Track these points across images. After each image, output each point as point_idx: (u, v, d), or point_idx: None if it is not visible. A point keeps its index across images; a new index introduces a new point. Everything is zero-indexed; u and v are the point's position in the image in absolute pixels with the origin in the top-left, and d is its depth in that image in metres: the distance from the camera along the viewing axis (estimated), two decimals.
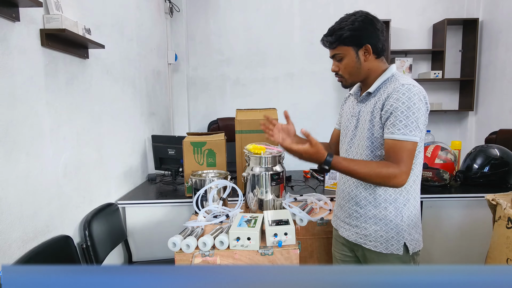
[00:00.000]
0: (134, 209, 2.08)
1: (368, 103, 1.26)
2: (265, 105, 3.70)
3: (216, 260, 1.36)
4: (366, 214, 1.27)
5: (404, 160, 1.12)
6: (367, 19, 1.21)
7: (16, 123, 1.25)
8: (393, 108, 1.14)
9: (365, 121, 1.25)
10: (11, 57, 1.24)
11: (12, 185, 1.23)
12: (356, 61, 1.23)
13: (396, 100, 1.13)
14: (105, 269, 0.36)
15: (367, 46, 1.20)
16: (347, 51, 1.23)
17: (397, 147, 1.13)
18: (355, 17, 1.21)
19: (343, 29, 1.20)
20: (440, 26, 3.68)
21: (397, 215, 1.23)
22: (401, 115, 1.12)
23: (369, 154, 1.24)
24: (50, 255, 1.38)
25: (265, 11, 3.84)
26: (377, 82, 1.23)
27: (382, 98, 1.18)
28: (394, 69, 1.25)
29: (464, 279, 0.33)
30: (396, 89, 1.15)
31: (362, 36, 1.20)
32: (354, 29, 1.19)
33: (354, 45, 1.21)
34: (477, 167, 2.12)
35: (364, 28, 1.19)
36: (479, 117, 3.76)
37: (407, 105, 1.12)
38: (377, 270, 0.36)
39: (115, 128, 2.12)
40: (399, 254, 1.23)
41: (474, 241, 2.06)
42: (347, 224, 1.34)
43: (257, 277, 0.35)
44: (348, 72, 1.26)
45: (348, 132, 1.34)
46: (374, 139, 1.22)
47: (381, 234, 1.24)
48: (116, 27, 2.16)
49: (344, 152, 1.36)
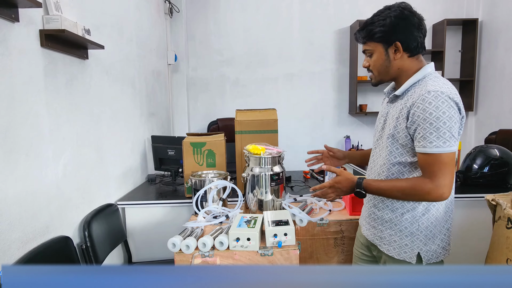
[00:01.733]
0: (133, 209, 2.08)
1: (395, 106, 1.20)
2: (264, 105, 3.71)
3: (216, 261, 1.36)
4: (382, 217, 1.25)
5: (440, 173, 1.06)
6: (401, 15, 1.14)
7: (15, 124, 1.25)
8: (421, 120, 1.06)
9: (389, 124, 1.20)
10: (11, 58, 1.23)
11: (12, 185, 1.23)
12: (385, 58, 1.18)
13: (422, 111, 1.05)
14: (105, 269, 0.36)
15: (397, 43, 1.14)
16: (376, 48, 1.18)
17: (431, 160, 1.06)
18: (388, 12, 1.15)
19: (374, 24, 1.15)
20: (439, 27, 3.69)
21: (413, 223, 1.18)
22: (430, 127, 1.04)
23: (387, 158, 1.21)
24: (49, 256, 1.38)
25: (264, 12, 3.85)
26: (406, 84, 1.17)
27: (408, 105, 1.11)
28: (428, 69, 1.16)
29: (464, 279, 0.33)
30: (421, 97, 1.06)
31: (392, 33, 1.14)
32: (385, 25, 1.13)
33: (383, 42, 1.16)
34: (477, 167, 2.12)
35: (396, 24, 1.13)
36: (479, 117, 3.77)
37: (436, 116, 1.03)
38: (377, 270, 0.36)
39: (115, 129, 2.11)
40: (412, 262, 1.19)
41: (474, 241, 2.05)
42: (368, 223, 1.34)
43: (257, 277, 0.35)
44: (377, 69, 1.21)
45: (376, 133, 1.31)
46: (395, 145, 1.18)
47: (395, 239, 1.22)
48: (115, 28, 2.16)
49: (372, 153, 1.35)
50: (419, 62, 1.18)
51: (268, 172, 1.68)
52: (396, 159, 1.18)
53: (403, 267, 0.35)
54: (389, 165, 1.20)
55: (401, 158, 1.17)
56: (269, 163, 1.70)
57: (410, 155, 1.15)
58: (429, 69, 1.16)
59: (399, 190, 1.13)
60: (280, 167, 1.74)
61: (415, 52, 1.16)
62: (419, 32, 1.15)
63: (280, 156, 1.74)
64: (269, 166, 1.70)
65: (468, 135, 3.89)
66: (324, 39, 3.87)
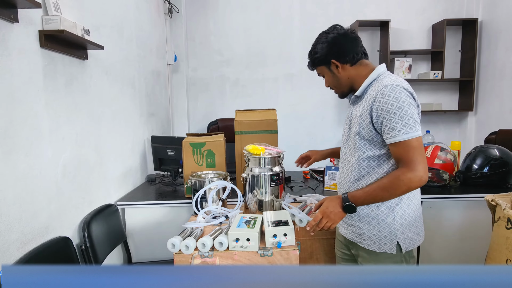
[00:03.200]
0: (133, 210, 2.08)
1: (358, 106, 1.30)
2: (264, 105, 3.71)
3: (215, 261, 1.36)
4: (359, 213, 1.29)
5: (415, 158, 1.12)
6: (326, 38, 1.29)
7: (15, 124, 1.25)
8: (385, 112, 1.14)
9: (354, 123, 1.29)
10: (10, 58, 1.23)
11: (11, 186, 1.23)
12: (332, 75, 1.32)
13: (384, 104, 1.14)
14: (105, 269, 0.36)
15: (332, 61, 1.28)
16: (322, 70, 1.34)
17: (405, 148, 1.13)
18: (319, 39, 1.32)
19: (311, 54, 1.35)
20: (439, 27, 3.69)
21: (389, 214, 1.25)
22: (394, 116, 1.13)
23: (357, 154, 1.28)
24: (49, 256, 1.38)
25: (264, 12, 3.85)
26: (363, 85, 1.27)
27: (369, 101, 1.20)
28: (381, 69, 1.26)
29: (463, 279, 0.33)
30: (380, 92, 1.16)
31: (326, 55, 1.29)
32: (317, 52, 1.31)
33: (323, 64, 1.32)
34: (477, 168, 2.12)
35: (326, 47, 1.28)
36: (479, 117, 3.77)
37: (397, 105, 1.12)
38: (377, 270, 0.36)
39: (115, 129, 2.11)
40: (392, 253, 1.25)
41: (474, 241, 2.05)
42: (344, 222, 1.38)
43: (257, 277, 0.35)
44: (333, 85, 1.37)
45: (344, 134, 1.40)
46: (362, 141, 1.25)
47: (374, 233, 1.27)
48: (115, 28, 2.16)
49: (341, 154, 1.42)
50: (366, 66, 1.30)
51: (267, 173, 1.68)
52: (365, 154, 1.26)
53: (403, 267, 0.35)
54: (359, 161, 1.27)
55: (370, 152, 1.25)
56: (268, 163, 1.70)
57: (377, 148, 1.24)
58: (382, 69, 1.27)
59: (383, 188, 1.17)
60: (279, 167, 1.74)
61: (355, 60, 1.28)
62: (350, 44, 1.28)
63: (280, 156, 1.74)
64: (268, 166, 1.70)
65: (468, 135, 3.89)
66: None
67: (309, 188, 2.31)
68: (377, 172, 1.25)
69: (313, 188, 2.29)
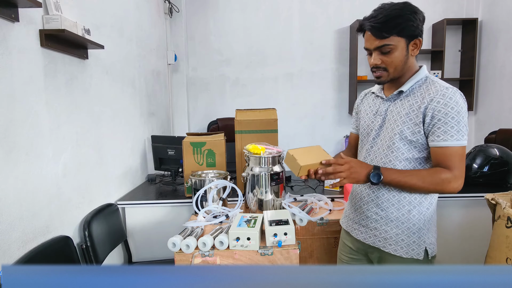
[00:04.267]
0: (134, 209, 2.08)
1: (399, 103, 1.19)
2: (264, 105, 3.71)
3: (216, 260, 1.36)
4: (387, 216, 1.21)
5: (458, 165, 1.09)
6: (417, 11, 1.11)
7: (15, 123, 1.25)
8: (442, 114, 1.08)
9: (395, 121, 1.18)
10: (11, 58, 1.24)
11: (12, 185, 1.23)
12: (405, 54, 1.12)
13: (444, 106, 1.07)
14: (105, 269, 0.36)
15: (419, 39, 1.12)
16: (399, 43, 1.10)
17: (452, 154, 1.09)
18: (409, 7, 1.10)
19: (402, 18, 1.07)
20: (439, 26, 3.68)
21: (420, 219, 1.19)
22: (452, 120, 1.07)
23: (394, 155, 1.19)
24: (49, 255, 1.38)
25: (264, 11, 3.85)
26: (411, 81, 1.17)
27: (425, 100, 1.11)
28: (426, 70, 1.19)
29: (463, 279, 0.33)
30: (441, 93, 1.08)
31: (418, 28, 1.10)
32: (411, 20, 1.08)
33: (408, 36, 1.10)
34: (477, 167, 2.12)
35: (419, 19, 1.10)
36: (479, 117, 3.77)
37: (457, 110, 1.07)
38: (377, 270, 0.36)
39: (115, 129, 2.11)
40: (419, 258, 1.18)
41: (474, 240, 2.06)
42: (363, 226, 1.29)
43: (257, 277, 0.35)
44: (394, 66, 1.13)
45: (371, 132, 1.27)
46: (402, 141, 1.16)
47: (403, 238, 1.19)
48: (115, 28, 2.16)
49: (365, 152, 1.29)
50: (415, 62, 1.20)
51: (268, 172, 1.68)
52: (403, 155, 1.17)
53: (403, 267, 0.35)
54: (396, 162, 1.18)
55: (409, 154, 1.17)
56: (269, 162, 1.70)
57: (417, 150, 1.16)
58: (426, 70, 1.19)
59: (420, 177, 1.12)
60: (280, 166, 1.74)
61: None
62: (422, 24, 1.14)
63: (280, 156, 1.75)
64: (269, 165, 1.70)
65: (468, 135, 3.89)
66: (324, 38, 3.87)
67: (310, 187, 2.31)
68: None
69: (313, 188, 2.29)
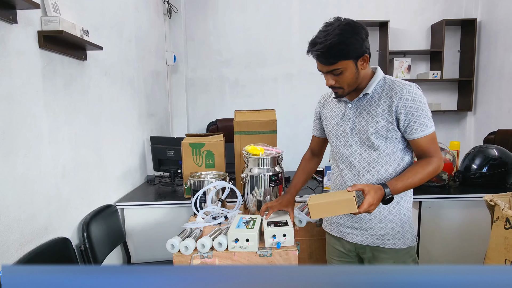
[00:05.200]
0: (132, 210, 2.08)
1: (366, 104, 1.26)
2: (264, 106, 3.71)
3: (214, 262, 1.36)
4: (380, 213, 1.28)
5: (437, 148, 1.22)
6: (356, 28, 1.14)
7: (14, 125, 1.25)
8: (414, 109, 1.18)
9: (367, 122, 1.24)
10: (9, 59, 1.23)
11: (10, 186, 1.23)
12: (355, 72, 1.19)
13: (413, 101, 1.18)
14: (105, 269, 0.36)
15: (366, 56, 1.18)
16: (347, 65, 1.16)
17: (430, 140, 1.21)
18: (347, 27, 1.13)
19: (344, 43, 1.12)
20: (438, 27, 3.69)
21: (408, 208, 1.30)
22: (422, 112, 1.18)
23: (376, 153, 1.26)
24: (48, 257, 1.38)
25: (264, 12, 3.85)
26: (372, 84, 1.25)
27: (394, 99, 1.19)
28: (381, 70, 1.29)
29: (463, 279, 0.33)
30: (406, 91, 1.19)
31: (361, 47, 1.15)
32: (352, 43, 1.13)
33: (354, 57, 1.16)
34: (476, 168, 2.12)
35: (360, 38, 1.14)
36: (478, 118, 3.77)
37: (423, 102, 1.19)
38: (376, 270, 0.36)
39: (114, 130, 2.11)
40: (413, 245, 1.31)
41: (473, 241, 2.06)
42: (357, 229, 1.32)
43: (256, 277, 0.35)
44: (347, 84, 1.21)
45: (342, 135, 1.32)
46: (379, 139, 1.24)
47: (398, 230, 1.28)
48: (114, 29, 2.16)
49: (341, 155, 1.33)
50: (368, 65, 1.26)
51: (267, 173, 1.68)
52: (384, 152, 1.26)
53: (403, 267, 0.35)
54: (379, 160, 1.26)
55: (388, 149, 1.26)
56: (268, 163, 1.70)
57: (392, 145, 1.26)
58: (381, 69, 1.29)
59: (421, 180, 1.20)
60: (279, 167, 1.74)
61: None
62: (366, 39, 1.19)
63: (279, 157, 1.74)
64: (268, 166, 1.70)
65: (467, 135, 3.90)
66: None
67: (309, 188, 2.31)
68: (400, 166, 1.27)
69: (312, 189, 2.29)
